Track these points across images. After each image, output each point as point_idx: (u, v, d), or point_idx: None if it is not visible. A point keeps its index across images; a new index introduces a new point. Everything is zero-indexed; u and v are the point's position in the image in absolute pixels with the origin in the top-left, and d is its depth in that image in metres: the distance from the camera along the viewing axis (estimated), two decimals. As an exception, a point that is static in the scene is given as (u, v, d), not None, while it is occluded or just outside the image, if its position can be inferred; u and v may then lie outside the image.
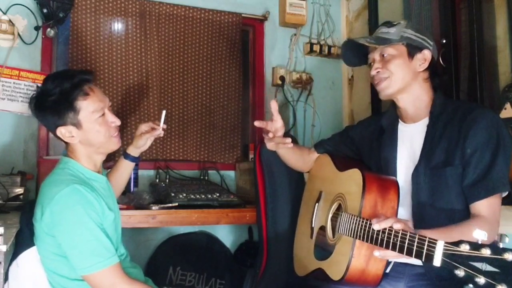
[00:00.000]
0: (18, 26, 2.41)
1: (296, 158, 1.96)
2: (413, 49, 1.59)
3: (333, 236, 1.60)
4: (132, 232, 2.51)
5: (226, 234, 2.79)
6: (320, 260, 1.64)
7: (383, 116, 1.79)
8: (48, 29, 2.42)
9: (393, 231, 1.23)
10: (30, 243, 1.55)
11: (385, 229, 1.26)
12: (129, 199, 2.15)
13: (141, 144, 1.84)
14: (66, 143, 1.60)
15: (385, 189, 1.46)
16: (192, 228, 2.68)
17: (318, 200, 1.80)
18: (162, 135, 1.86)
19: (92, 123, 1.53)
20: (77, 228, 1.43)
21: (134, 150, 1.87)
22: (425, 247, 1.11)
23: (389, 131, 1.72)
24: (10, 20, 2.39)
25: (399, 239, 1.20)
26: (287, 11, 2.92)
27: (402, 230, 1.22)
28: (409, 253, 1.16)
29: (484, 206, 1.44)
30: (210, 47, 2.77)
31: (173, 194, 2.20)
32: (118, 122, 1.61)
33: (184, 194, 2.21)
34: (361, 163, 1.79)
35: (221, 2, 2.85)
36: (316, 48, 3.01)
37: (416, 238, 1.15)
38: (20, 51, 2.42)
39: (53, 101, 1.50)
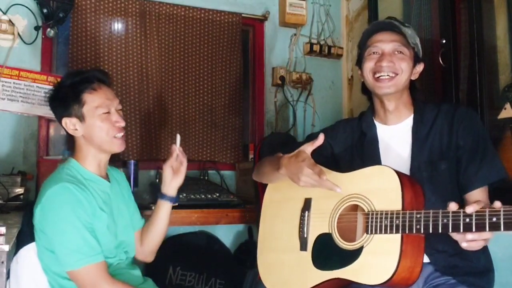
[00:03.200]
0: (18, 26, 2.41)
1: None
2: (417, 58, 1.62)
3: (349, 240, 1.49)
4: (132, 232, 2.51)
5: (226, 234, 2.79)
6: (330, 270, 1.50)
7: (362, 120, 1.74)
8: (48, 29, 2.42)
9: (487, 211, 1.18)
10: (30, 241, 1.58)
11: (473, 212, 1.21)
12: (129, 199, 2.15)
13: (170, 174, 1.74)
14: (73, 142, 1.63)
15: (414, 184, 1.44)
16: (192, 228, 2.68)
17: (306, 209, 1.64)
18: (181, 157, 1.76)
19: (94, 118, 1.56)
20: (62, 225, 1.46)
21: (167, 188, 1.75)
22: None
23: (369, 136, 1.70)
24: (10, 20, 2.39)
25: (502, 217, 1.15)
26: (287, 11, 2.92)
27: (503, 207, 1.17)
28: None
29: (481, 195, 1.48)
30: (210, 47, 2.77)
31: (173, 194, 2.20)
32: (122, 123, 1.61)
33: (184, 194, 2.21)
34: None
35: (221, 2, 2.85)
36: (316, 48, 3.01)
37: None
38: (20, 51, 2.42)
39: (63, 92, 1.58)
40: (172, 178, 1.74)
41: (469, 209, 1.20)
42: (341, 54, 3.09)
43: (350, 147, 1.74)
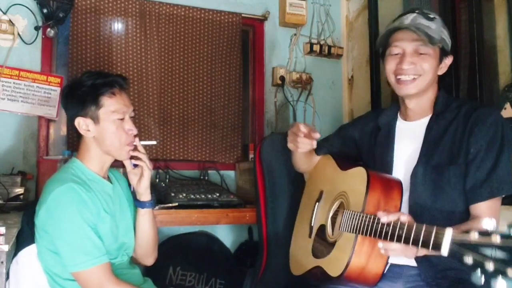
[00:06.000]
0: (18, 26, 2.41)
1: (307, 161, 1.93)
2: (444, 53, 1.54)
3: (333, 234, 1.60)
4: (132, 232, 2.51)
5: (226, 234, 2.79)
6: (318, 258, 1.63)
7: (382, 114, 1.75)
8: (48, 29, 2.42)
9: (399, 224, 1.22)
10: (30, 242, 1.57)
11: (390, 222, 1.25)
12: (129, 199, 2.15)
13: (135, 181, 1.68)
14: (79, 141, 1.62)
15: (389, 188, 1.45)
16: (192, 228, 2.68)
17: (318, 200, 1.79)
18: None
19: (110, 123, 1.56)
20: (68, 225, 1.45)
21: (139, 195, 1.70)
22: (433, 235, 1.10)
23: (385, 129, 1.68)
24: (10, 20, 2.39)
25: (404, 231, 1.20)
26: (287, 11, 2.92)
27: (408, 222, 1.21)
28: (415, 243, 1.16)
29: (485, 208, 1.41)
30: (210, 47, 2.77)
31: (173, 194, 2.20)
32: (135, 131, 1.61)
33: (184, 194, 2.21)
34: (362, 163, 1.78)
35: (221, 2, 2.85)
36: (316, 48, 3.01)
37: (423, 228, 1.14)
38: (20, 51, 2.42)
39: (82, 91, 1.56)
40: (137, 181, 1.68)
41: (384, 219, 1.26)
42: (341, 54, 3.09)
43: (369, 140, 1.77)
